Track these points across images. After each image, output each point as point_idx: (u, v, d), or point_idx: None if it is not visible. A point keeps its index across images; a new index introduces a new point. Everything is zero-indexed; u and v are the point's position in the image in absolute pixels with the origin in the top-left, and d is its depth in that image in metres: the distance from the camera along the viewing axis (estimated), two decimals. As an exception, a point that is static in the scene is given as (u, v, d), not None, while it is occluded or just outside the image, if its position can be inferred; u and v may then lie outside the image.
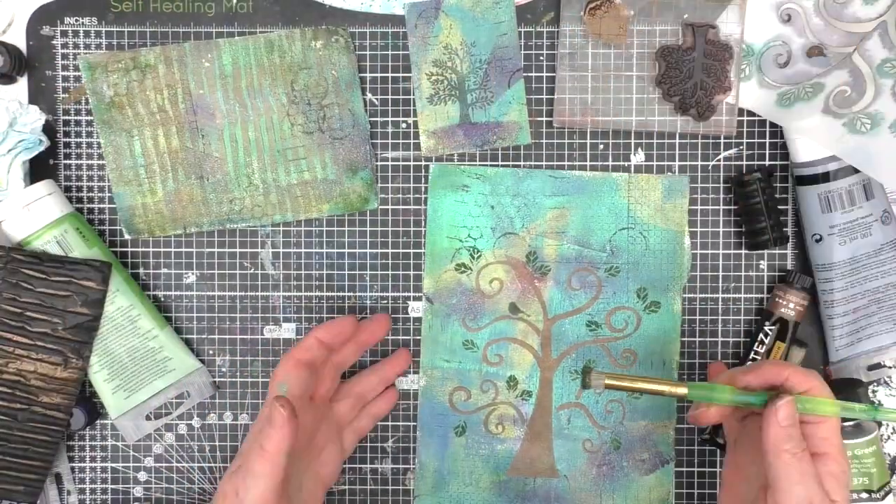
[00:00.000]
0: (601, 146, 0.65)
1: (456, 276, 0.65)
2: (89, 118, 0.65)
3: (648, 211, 0.64)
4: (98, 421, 0.66)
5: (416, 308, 0.66)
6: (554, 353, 0.65)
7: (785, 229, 0.64)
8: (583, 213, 0.65)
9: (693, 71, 0.63)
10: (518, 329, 0.65)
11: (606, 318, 0.65)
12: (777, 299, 0.63)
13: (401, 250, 0.66)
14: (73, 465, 0.66)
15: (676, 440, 0.65)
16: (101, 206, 0.65)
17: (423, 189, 0.65)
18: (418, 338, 0.65)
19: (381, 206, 0.65)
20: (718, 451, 0.65)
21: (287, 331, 0.66)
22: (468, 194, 0.65)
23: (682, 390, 0.53)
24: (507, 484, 0.65)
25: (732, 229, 0.65)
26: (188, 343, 0.66)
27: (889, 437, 0.66)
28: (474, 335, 0.65)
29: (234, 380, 0.66)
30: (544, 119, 0.65)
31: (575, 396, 0.65)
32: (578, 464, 0.65)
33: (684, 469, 0.66)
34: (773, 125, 0.65)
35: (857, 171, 0.61)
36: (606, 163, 0.65)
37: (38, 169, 0.64)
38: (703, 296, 0.65)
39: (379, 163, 0.65)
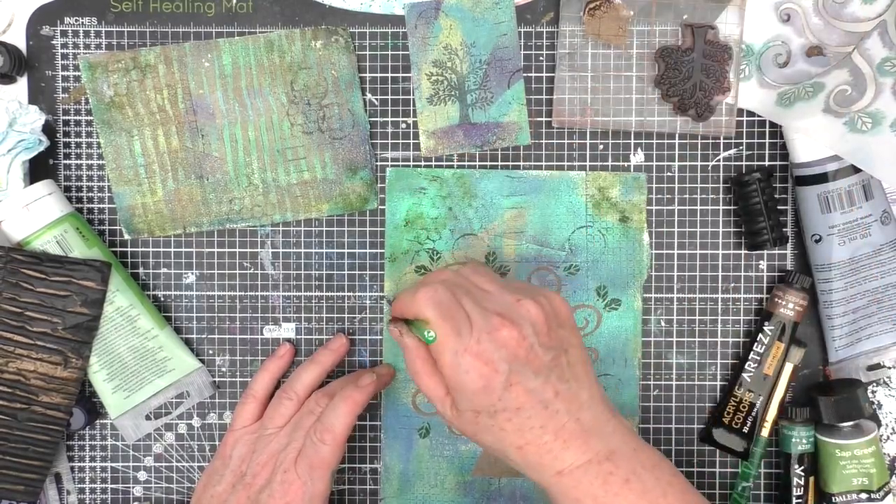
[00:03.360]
0: (601, 146, 0.65)
1: (416, 278, 0.65)
2: (89, 118, 0.65)
3: (607, 208, 0.64)
4: (98, 421, 0.66)
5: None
6: None
7: (784, 229, 0.64)
8: (541, 212, 0.65)
9: (692, 71, 0.63)
10: None
11: None
12: (776, 299, 0.63)
13: (400, 250, 0.65)
14: (73, 464, 0.66)
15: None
16: (101, 206, 0.66)
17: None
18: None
19: (380, 206, 0.65)
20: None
21: (287, 331, 0.66)
22: (425, 196, 0.65)
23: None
24: (473, 484, 0.66)
25: (732, 229, 0.65)
26: (188, 343, 0.66)
27: (888, 438, 0.66)
28: None
29: (233, 380, 0.66)
30: (544, 119, 0.65)
31: None
32: None
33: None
34: (772, 125, 0.65)
35: (856, 171, 0.61)
36: (606, 163, 0.65)
37: (38, 169, 0.64)
38: (703, 296, 0.65)
39: (379, 163, 0.65)
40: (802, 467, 0.63)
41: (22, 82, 0.65)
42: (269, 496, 0.57)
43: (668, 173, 0.65)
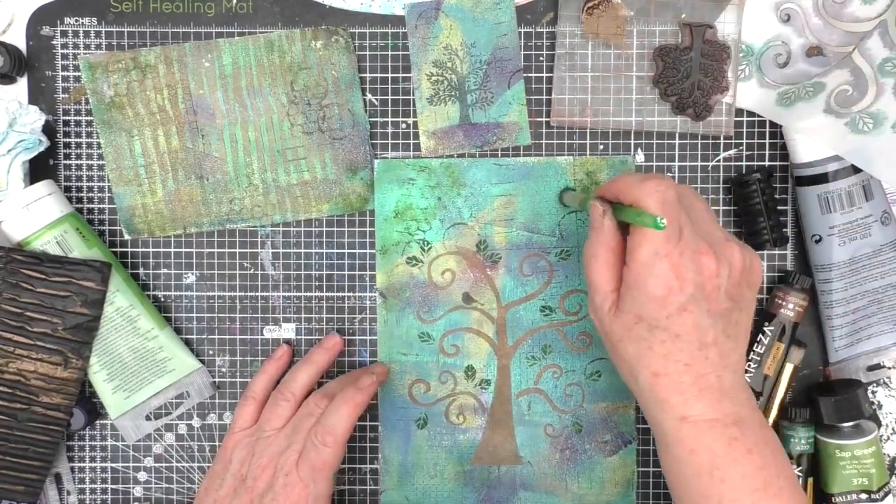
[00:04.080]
0: (601, 146, 0.65)
1: (408, 269, 0.65)
2: (89, 118, 0.65)
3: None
4: (98, 421, 0.66)
5: (415, 308, 0.66)
6: (510, 340, 0.65)
7: (784, 230, 0.64)
8: (530, 198, 0.65)
9: (690, 71, 0.63)
10: (473, 318, 0.65)
11: (560, 302, 0.65)
12: (777, 300, 0.63)
13: (400, 250, 0.65)
14: (73, 465, 0.66)
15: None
16: (101, 206, 0.66)
17: (422, 189, 0.65)
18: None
19: (380, 207, 0.65)
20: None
21: (287, 331, 0.66)
22: (414, 187, 0.65)
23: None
24: (472, 473, 0.66)
25: (732, 230, 0.65)
26: (188, 343, 0.66)
27: (888, 438, 0.66)
28: (429, 327, 0.65)
29: (233, 380, 0.66)
30: (544, 119, 0.65)
31: (533, 382, 0.65)
32: (541, 449, 0.65)
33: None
34: (772, 125, 0.65)
35: (856, 171, 0.61)
36: (606, 163, 0.65)
37: (38, 169, 0.64)
38: (703, 296, 0.65)
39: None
40: (802, 468, 0.63)
41: (22, 82, 0.65)
42: (272, 500, 0.57)
43: (668, 173, 0.65)
